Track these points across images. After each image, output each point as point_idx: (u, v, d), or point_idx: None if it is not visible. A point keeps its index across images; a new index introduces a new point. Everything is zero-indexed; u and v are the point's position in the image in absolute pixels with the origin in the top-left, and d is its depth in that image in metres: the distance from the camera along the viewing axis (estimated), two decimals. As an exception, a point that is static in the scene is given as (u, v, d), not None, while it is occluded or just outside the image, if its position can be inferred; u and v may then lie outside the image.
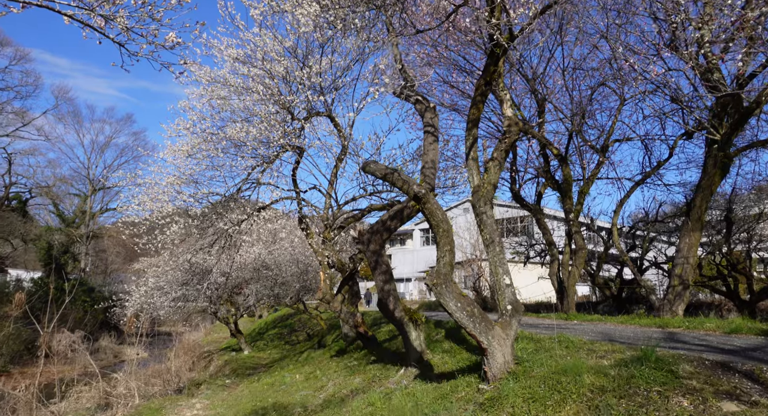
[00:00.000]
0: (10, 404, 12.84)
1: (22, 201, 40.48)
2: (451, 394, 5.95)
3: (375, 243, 8.12)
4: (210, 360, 23.07)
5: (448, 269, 5.71)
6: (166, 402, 10.61)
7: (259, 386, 11.90)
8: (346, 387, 8.58)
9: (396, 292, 8.18)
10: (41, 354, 13.86)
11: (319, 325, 24.72)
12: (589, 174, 13.60)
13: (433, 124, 8.71)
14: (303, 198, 12.38)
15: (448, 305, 5.62)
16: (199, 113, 10.98)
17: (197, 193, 11.53)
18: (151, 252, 24.19)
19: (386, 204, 10.26)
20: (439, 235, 5.75)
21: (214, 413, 9.50)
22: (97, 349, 29.44)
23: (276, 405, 8.77)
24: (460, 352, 7.89)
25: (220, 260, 14.47)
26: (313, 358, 14.06)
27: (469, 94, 14.68)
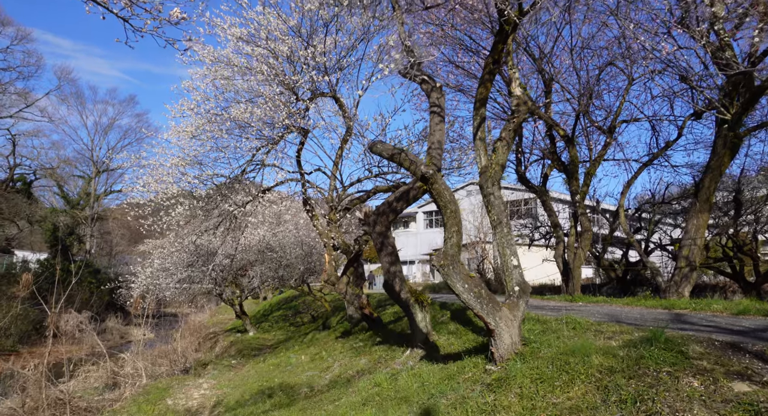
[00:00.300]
0: (20, 382, 12.99)
1: (26, 183, 40.57)
2: (457, 375, 5.97)
3: (381, 225, 8.08)
4: (215, 341, 23.31)
5: (455, 251, 5.67)
6: (173, 381, 10.74)
7: (265, 366, 12.02)
8: (352, 368, 8.64)
9: (402, 274, 8.17)
10: (49, 333, 13.97)
11: (323, 307, 24.89)
12: (595, 155, 13.46)
13: (439, 104, 8.58)
14: (307, 180, 12.33)
15: (456, 286, 5.59)
16: (202, 94, 10.85)
17: (202, 174, 11.48)
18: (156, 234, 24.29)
19: (391, 186, 10.19)
20: (447, 216, 5.69)
21: (221, 392, 9.60)
22: (104, 330, 29.80)
23: (282, 385, 8.85)
24: (465, 333, 7.91)
25: (225, 242, 14.50)
26: (318, 339, 14.16)
27: (475, 75, 14.47)
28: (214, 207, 11.55)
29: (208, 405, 8.98)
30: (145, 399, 9.51)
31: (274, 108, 10.67)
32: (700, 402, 3.63)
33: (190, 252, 16.65)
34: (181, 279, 18.37)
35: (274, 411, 7.53)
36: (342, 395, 7.45)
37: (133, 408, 9.03)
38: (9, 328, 26.51)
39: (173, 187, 10.89)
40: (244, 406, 8.23)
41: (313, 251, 22.44)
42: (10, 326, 26.60)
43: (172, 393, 9.79)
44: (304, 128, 12.00)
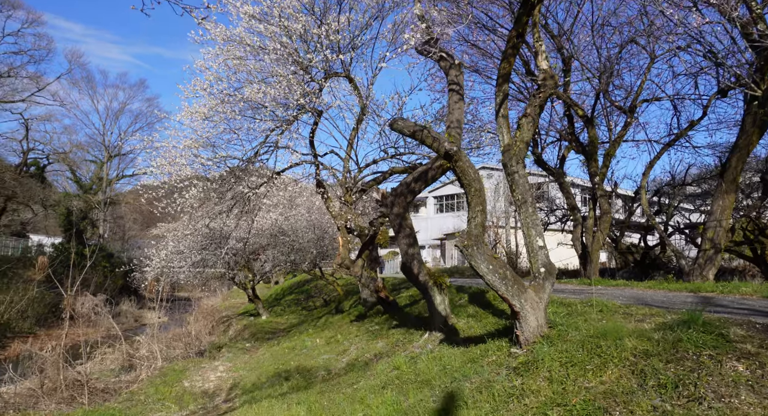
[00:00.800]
0: (38, 364, 13.12)
1: (40, 167, 40.84)
2: (481, 358, 5.83)
3: (399, 206, 7.90)
4: (229, 325, 23.46)
5: (479, 231, 5.48)
6: (189, 364, 10.75)
7: (280, 349, 12.00)
8: (369, 351, 8.55)
9: (420, 256, 8.01)
10: (66, 316, 14.09)
11: (335, 291, 24.89)
12: (615, 136, 13.11)
13: (458, 81, 8.33)
14: (321, 162, 12.15)
15: (480, 268, 5.42)
16: (215, 74, 10.65)
17: (215, 156, 11.35)
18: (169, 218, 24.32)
19: (407, 167, 9.97)
20: (471, 194, 5.49)
21: (237, 375, 9.59)
22: (119, 313, 30.14)
23: (299, 368, 8.80)
24: (485, 316, 7.76)
25: (238, 226, 14.42)
26: (333, 323, 14.12)
27: (491, 54, 14.10)
28: (228, 189, 11.43)
29: (224, 388, 8.96)
30: (161, 381, 9.52)
31: (288, 88, 10.47)
32: (747, 387, 3.44)
33: (203, 235, 16.62)
34: (194, 262, 18.40)
35: (291, 394, 7.47)
36: (360, 378, 7.36)
37: (150, 389, 9.04)
38: (26, 311, 26.90)
39: (186, 169, 10.77)
40: (261, 389, 8.19)
41: (325, 235, 22.37)
42: (27, 308, 26.99)
43: (188, 375, 9.80)
44: (317, 108, 11.79)
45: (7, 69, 30.99)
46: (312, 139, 12.19)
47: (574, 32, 12.76)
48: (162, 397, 8.46)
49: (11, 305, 25.95)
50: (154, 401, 8.33)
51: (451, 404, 4.95)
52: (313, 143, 12.22)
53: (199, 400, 8.41)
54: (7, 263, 30.75)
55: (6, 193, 32.31)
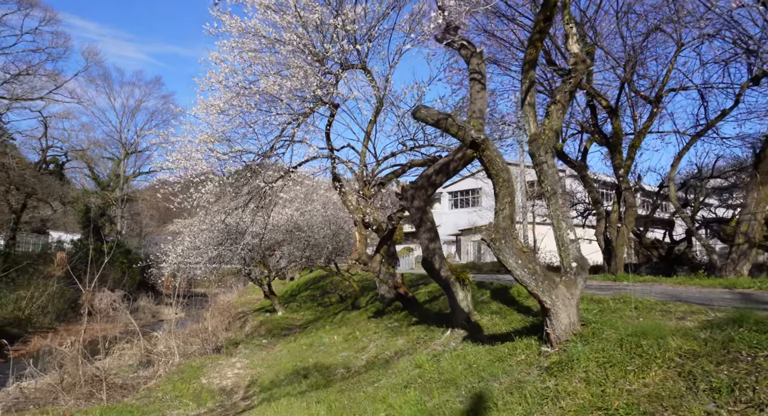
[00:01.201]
0: (58, 359, 13.15)
1: (59, 165, 41.34)
2: (509, 357, 5.57)
3: (419, 199, 7.65)
4: (245, 321, 23.47)
5: (508, 223, 5.21)
6: (206, 360, 10.66)
7: (297, 346, 11.86)
8: (389, 349, 8.33)
9: (441, 251, 7.76)
10: (84, 312, 14.12)
11: (351, 287, 24.74)
12: (640, 127, 12.67)
13: (479, 70, 8.04)
14: (337, 156, 11.95)
15: (508, 262, 5.16)
16: (230, 66, 10.48)
17: (231, 151, 11.21)
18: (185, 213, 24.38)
19: (427, 159, 9.71)
20: (499, 185, 5.22)
21: (254, 372, 9.45)
22: (136, 309, 30.38)
23: (318, 366, 8.62)
24: (510, 313, 7.49)
25: (254, 221, 14.31)
26: (350, 319, 13.94)
27: (511, 43, 13.74)
28: (244, 184, 11.29)
29: (242, 385, 8.83)
30: (179, 378, 9.43)
31: (305, 79, 10.27)
32: (813, 393, 3.15)
33: (219, 231, 16.55)
34: (211, 258, 18.36)
35: (311, 392, 7.29)
36: (381, 376, 7.16)
37: (168, 386, 8.95)
38: (46, 306, 27.22)
39: (202, 163, 10.64)
40: (279, 386, 8.03)
41: (340, 230, 22.22)
42: (48, 304, 27.30)
43: (205, 371, 9.69)
44: (333, 101, 11.57)
45: (26, 67, 31.29)
46: (328, 132, 11.98)
47: (597, 20, 12.36)
48: (179, 394, 8.35)
49: (32, 300, 26.30)
50: (171, 398, 8.23)
51: (480, 405, 4.71)
52: (330, 137, 12.02)
53: (216, 398, 8.29)
54: (28, 260, 31.22)
55: (26, 190, 32.70)
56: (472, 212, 41.44)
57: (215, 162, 11.11)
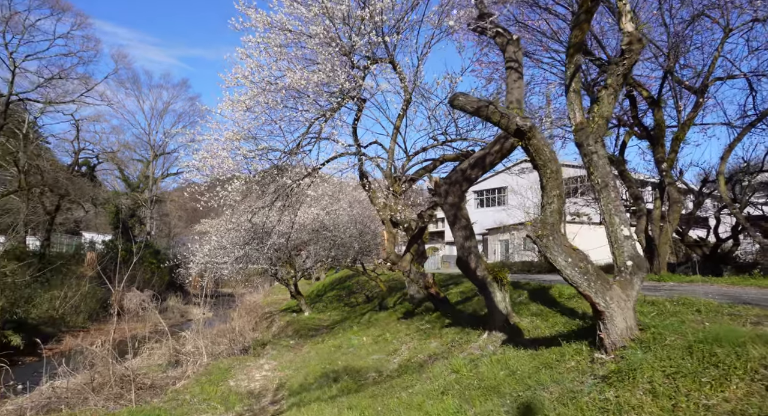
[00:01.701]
0: (89, 359, 13.21)
1: (90, 167, 42.26)
2: (557, 364, 5.14)
3: (453, 195, 7.26)
4: (272, 321, 23.40)
5: (556, 218, 4.79)
6: (234, 362, 10.48)
7: (325, 347, 11.58)
8: (422, 352, 7.96)
9: (477, 249, 7.35)
10: (114, 311, 14.17)
11: (377, 287, 24.43)
12: (684, 118, 11.98)
13: (516, 58, 7.60)
14: (364, 153, 11.64)
15: (557, 260, 4.73)
16: (256, 62, 10.28)
17: (257, 148, 11.02)
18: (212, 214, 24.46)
19: (459, 154, 9.30)
20: (546, 177, 4.80)
21: (283, 374, 9.21)
22: (165, 308, 30.73)
23: (348, 369, 8.31)
24: (552, 315, 7.03)
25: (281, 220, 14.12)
26: (378, 320, 13.61)
27: (543, 34, 13.18)
28: (270, 181, 11.08)
29: (270, 388, 8.58)
30: (207, 380, 9.25)
31: (332, 73, 9.99)
32: None
33: (246, 230, 16.44)
34: (237, 257, 18.30)
35: (341, 397, 6.98)
36: (415, 381, 6.80)
37: (196, 388, 8.78)
38: (79, 306, 27.71)
39: (228, 161, 10.47)
40: (308, 390, 7.75)
41: (366, 230, 21.94)
42: (80, 304, 27.80)
43: (233, 373, 9.50)
44: (361, 96, 11.27)
45: (58, 71, 32.02)
46: (355, 128, 11.70)
47: (637, 6, 11.71)
48: (207, 397, 8.16)
49: (65, 300, 26.81)
50: (199, 401, 8.04)
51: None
52: (357, 133, 11.73)
53: (245, 401, 8.06)
54: (61, 260, 31.90)
55: (60, 192, 33.47)
56: (499, 210, 40.69)
57: (241, 160, 10.94)
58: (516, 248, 36.02)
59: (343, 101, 10.46)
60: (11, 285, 23.45)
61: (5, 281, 23.30)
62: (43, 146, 37.66)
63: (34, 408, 11.34)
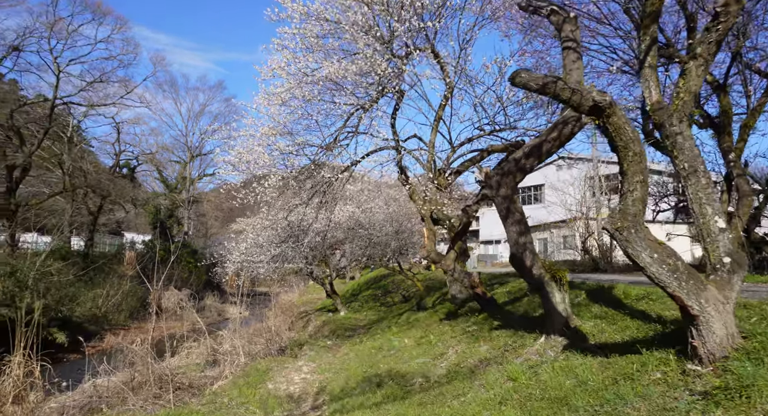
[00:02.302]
0: (129, 357, 13.20)
1: (131, 168, 43.31)
2: (637, 374, 4.50)
3: (506, 187, 6.67)
4: (308, 321, 23.18)
5: (638, 208, 4.16)
6: (272, 363, 10.17)
7: (365, 349, 11.14)
8: (472, 356, 7.39)
9: (533, 245, 6.74)
10: (152, 310, 14.16)
11: (414, 286, 23.90)
12: (754, 104, 10.97)
13: (574, 37, 6.93)
14: (403, 147, 11.16)
15: (640, 257, 4.11)
16: (292, 53, 9.94)
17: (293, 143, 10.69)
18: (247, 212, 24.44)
19: (508, 144, 8.67)
20: (628, 160, 4.18)
21: (322, 377, 8.81)
22: (203, 307, 31.04)
23: (391, 373, 7.82)
24: (620, 318, 6.35)
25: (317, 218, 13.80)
26: (418, 321, 13.08)
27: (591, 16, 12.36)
28: (307, 176, 10.73)
29: (310, 392, 8.19)
30: (245, 382, 8.94)
31: (370, 62, 9.54)
32: None
33: (282, 228, 16.20)
34: (274, 256, 18.10)
35: (386, 405, 6.49)
36: (467, 389, 6.24)
37: (233, 391, 8.47)
38: (121, 304, 28.24)
39: (264, 156, 10.17)
40: (350, 396, 7.30)
41: (403, 228, 21.45)
42: (122, 302, 28.33)
43: (271, 375, 9.16)
44: (400, 89, 10.78)
45: (100, 75, 32.82)
46: (394, 121, 11.23)
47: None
48: (245, 400, 7.83)
49: (108, 298, 27.36)
50: (237, 404, 7.71)
51: (613, 438, 3.71)
52: (395, 126, 11.26)
53: (284, 405, 7.68)
54: (104, 259, 32.69)
55: (102, 193, 34.33)
56: (535, 208, 39.50)
57: (277, 156, 10.64)
58: (556, 247, 34.85)
59: (383, 91, 9.99)
60: (56, 284, 24.04)
61: (51, 280, 23.92)
62: (86, 149, 38.79)
63: (76, 407, 11.35)
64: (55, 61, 30.48)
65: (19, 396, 9.88)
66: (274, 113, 10.68)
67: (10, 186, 28.40)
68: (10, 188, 28.39)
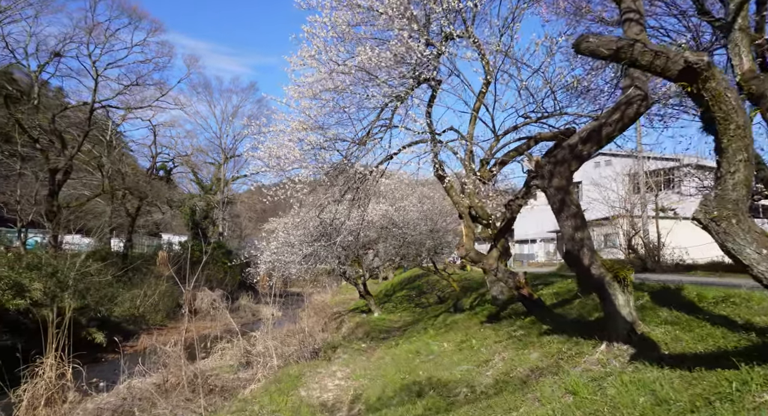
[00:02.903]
0: (162, 359, 13.09)
1: (167, 170, 44.12)
2: (739, 395, 3.75)
3: (560, 177, 5.96)
4: (341, 322, 22.79)
5: (741, 193, 3.42)
6: (304, 368, 9.72)
7: (401, 353, 10.55)
8: (522, 364, 6.70)
9: (591, 241, 6.00)
10: (185, 311, 14.04)
11: (449, 287, 23.19)
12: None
13: (636, 8, 6.16)
14: (440, 140, 10.52)
15: (744, 253, 3.37)
16: (323, 42, 9.45)
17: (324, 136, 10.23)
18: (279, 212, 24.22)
19: (558, 132, 7.92)
20: (729, 135, 3.44)
21: (357, 384, 8.28)
22: (237, 307, 31.14)
23: (432, 381, 7.21)
24: (698, 325, 5.55)
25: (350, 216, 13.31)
26: (457, 323, 12.40)
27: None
28: (340, 172, 10.24)
29: (345, 400, 7.66)
30: (276, 389, 8.49)
31: (405, 47, 8.97)
32: None
33: (314, 227, 15.81)
34: (306, 256, 17.74)
35: (429, 418, 5.89)
36: (519, 402, 5.57)
37: (265, 398, 8.03)
38: (157, 304, 28.60)
39: (295, 150, 9.73)
40: (388, 406, 6.73)
41: (437, 226, 20.79)
42: (159, 302, 28.68)
43: (304, 381, 8.69)
44: (435, 78, 10.16)
45: (136, 78, 33.44)
46: (429, 112, 10.61)
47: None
48: (277, 408, 7.37)
49: (145, 298, 27.74)
50: (268, 412, 7.27)
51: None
52: (431, 118, 10.63)
53: (317, 415, 7.18)
54: (141, 260, 33.27)
55: (140, 194, 34.98)
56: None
57: (309, 150, 10.19)
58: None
59: (419, 79, 9.38)
60: (96, 284, 24.46)
61: (91, 280, 24.35)
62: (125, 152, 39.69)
63: (109, 409, 11.23)
64: (93, 66, 31.20)
65: (51, 399, 9.80)
66: (304, 107, 10.25)
67: (52, 189, 29.14)
68: (53, 190, 29.13)
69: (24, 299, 18.11)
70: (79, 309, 21.04)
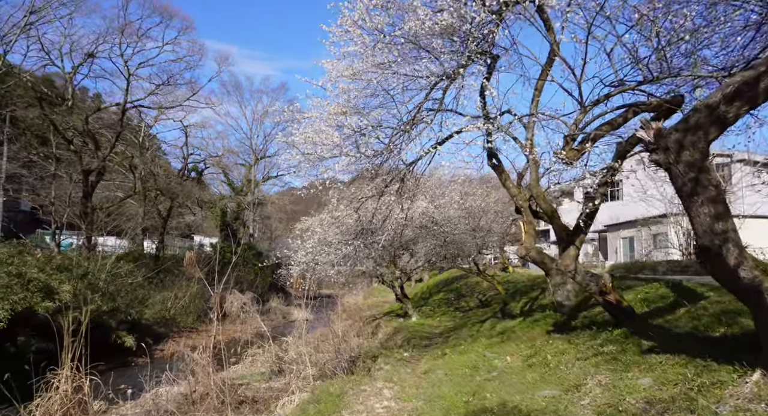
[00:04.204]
0: (190, 366, 12.14)
1: (199, 172, 43.87)
2: None
3: (692, 149, 4.50)
4: (377, 326, 21.54)
5: None
6: (345, 385, 8.47)
7: (455, 366, 9.17)
8: (629, 393, 5.24)
9: (737, 235, 4.51)
10: (213, 316, 13.10)
11: (491, 290, 21.70)
12: None
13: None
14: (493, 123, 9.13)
15: None
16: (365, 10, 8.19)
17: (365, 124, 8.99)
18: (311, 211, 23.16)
19: (663, 100, 6.38)
20: None
21: (411, 407, 6.95)
22: (268, 310, 30.33)
23: (508, 410, 5.80)
24: None
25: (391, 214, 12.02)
26: (513, 332, 10.96)
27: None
28: (384, 161, 8.96)
29: (400, 430, 6.33)
30: (315, 410, 7.24)
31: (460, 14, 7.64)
32: None
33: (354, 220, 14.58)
34: (345, 255, 16.52)
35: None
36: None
37: (302, 423, 6.79)
38: (188, 306, 28.03)
39: (334, 136, 8.51)
40: (459, 443, 5.37)
41: (480, 224, 19.32)
42: (189, 304, 28.10)
43: (347, 401, 7.42)
44: (492, 52, 8.78)
45: (167, 77, 33.10)
46: (483, 93, 9.23)
47: None
48: (318, 437, 6.11)
49: (176, 300, 27.17)
50: (308, 444, 6.00)
51: None
52: (485, 98, 9.26)
53: (368, 449, 5.88)
54: (172, 261, 32.85)
55: (171, 196, 34.66)
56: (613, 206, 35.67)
57: (348, 136, 8.95)
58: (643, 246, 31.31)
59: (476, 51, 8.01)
60: (127, 286, 23.93)
61: (122, 282, 23.83)
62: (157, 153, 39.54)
63: (136, 419, 10.42)
64: (125, 65, 30.92)
65: (67, 415, 8.85)
66: (343, 90, 9.03)
67: (86, 190, 28.92)
68: (87, 191, 28.90)
69: (53, 301, 17.53)
70: (109, 312, 20.45)
